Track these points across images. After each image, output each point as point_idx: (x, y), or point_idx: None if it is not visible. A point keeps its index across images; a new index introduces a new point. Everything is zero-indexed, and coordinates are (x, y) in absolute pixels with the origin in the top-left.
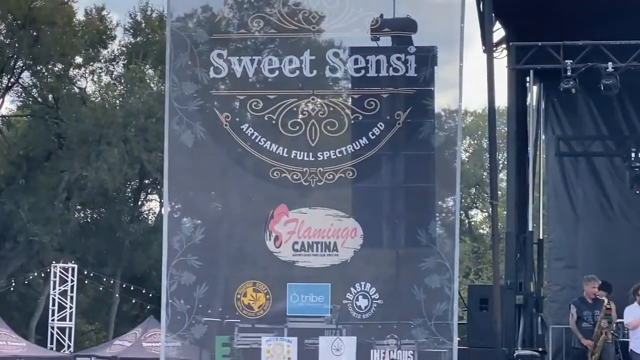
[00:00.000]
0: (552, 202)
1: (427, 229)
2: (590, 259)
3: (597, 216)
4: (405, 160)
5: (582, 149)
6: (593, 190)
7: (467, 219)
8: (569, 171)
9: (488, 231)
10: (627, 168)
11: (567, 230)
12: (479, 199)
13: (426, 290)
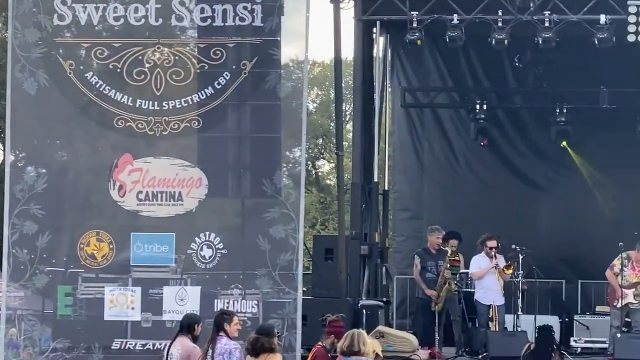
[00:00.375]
0: (398, 154)
1: (273, 180)
2: (435, 210)
3: (442, 167)
4: (251, 110)
5: (427, 100)
6: (438, 141)
7: (313, 169)
8: (415, 122)
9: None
10: (471, 120)
11: (413, 182)
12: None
13: (271, 241)
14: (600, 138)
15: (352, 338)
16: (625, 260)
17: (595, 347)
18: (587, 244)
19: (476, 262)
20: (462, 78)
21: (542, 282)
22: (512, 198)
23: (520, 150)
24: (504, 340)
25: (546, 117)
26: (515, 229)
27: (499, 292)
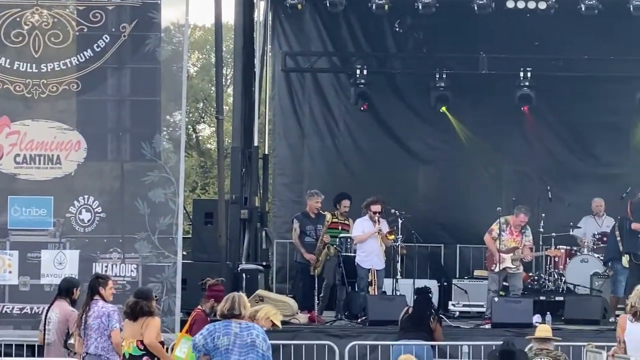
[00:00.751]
0: (278, 118)
1: (152, 143)
2: (315, 175)
3: (323, 132)
4: (131, 73)
5: (308, 64)
6: (319, 106)
7: (194, 133)
8: (295, 87)
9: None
10: (352, 85)
11: (293, 146)
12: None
13: (150, 204)
14: (479, 104)
15: (233, 301)
16: (503, 225)
17: (473, 311)
18: (466, 208)
19: (359, 225)
20: (342, 43)
21: (421, 246)
22: (392, 163)
23: (399, 116)
24: (382, 304)
25: (426, 82)
26: (395, 193)
27: (380, 257)
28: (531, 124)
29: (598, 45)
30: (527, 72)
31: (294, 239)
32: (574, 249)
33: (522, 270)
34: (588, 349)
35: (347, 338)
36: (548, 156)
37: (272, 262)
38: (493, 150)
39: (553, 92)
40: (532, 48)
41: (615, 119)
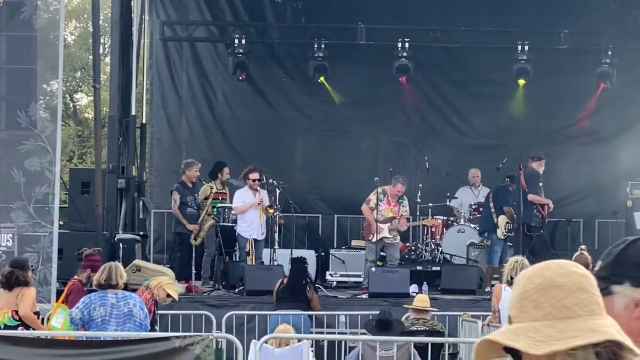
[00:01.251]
0: (156, 87)
1: (28, 112)
2: (193, 144)
3: (200, 102)
4: (7, 41)
5: (186, 34)
6: (197, 75)
7: (71, 102)
8: (173, 56)
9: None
10: (230, 54)
11: (171, 115)
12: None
13: (26, 173)
14: (357, 74)
15: (109, 271)
16: (380, 195)
17: (350, 281)
18: (344, 179)
19: (239, 196)
20: (220, 12)
21: (298, 216)
22: (270, 133)
23: (278, 85)
24: (260, 274)
25: (304, 52)
26: (273, 163)
27: (260, 227)
28: (409, 95)
29: (476, 16)
30: (404, 43)
31: (173, 210)
32: (450, 219)
33: (399, 240)
34: (464, 319)
35: (225, 308)
36: (425, 127)
37: (150, 231)
38: (371, 120)
39: (430, 63)
40: (409, 19)
41: (492, 90)
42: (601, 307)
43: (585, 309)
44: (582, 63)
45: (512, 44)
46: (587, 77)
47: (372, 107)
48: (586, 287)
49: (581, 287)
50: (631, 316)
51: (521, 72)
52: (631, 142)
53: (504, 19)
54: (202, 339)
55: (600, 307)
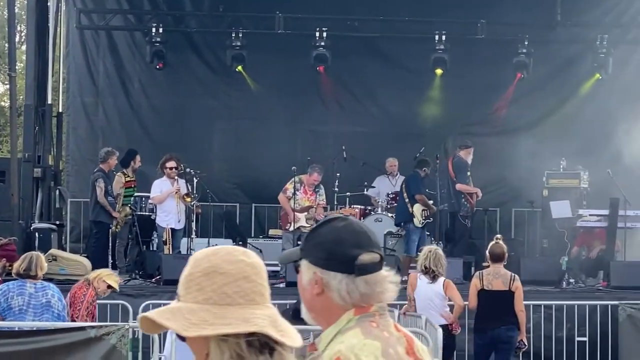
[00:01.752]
0: (73, 76)
1: None
2: (110, 133)
3: (117, 90)
4: None
5: (103, 22)
6: (113, 64)
7: None
8: (90, 45)
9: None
10: (147, 43)
11: (88, 104)
12: (0, 70)
13: None
14: (275, 63)
15: (30, 261)
16: (297, 184)
17: (268, 270)
18: (261, 168)
19: (157, 186)
20: (138, 1)
21: (216, 205)
22: (187, 121)
23: (196, 74)
24: (177, 263)
25: (222, 41)
26: (190, 152)
27: (177, 216)
28: (327, 84)
29: (394, 5)
30: (322, 32)
31: (100, 198)
32: (368, 209)
33: None
34: None
35: (141, 297)
36: (343, 115)
37: (66, 221)
38: (289, 109)
39: (349, 52)
40: (327, 8)
41: (410, 80)
42: (264, 297)
43: (246, 297)
44: (499, 53)
45: (430, 34)
46: (504, 67)
47: (290, 96)
48: (250, 276)
49: (245, 276)
50: (312, 292)
51: (439, 62)
52: (548, 131)
53: (422, 9)
54: (118, 329)
55: (263, 297)
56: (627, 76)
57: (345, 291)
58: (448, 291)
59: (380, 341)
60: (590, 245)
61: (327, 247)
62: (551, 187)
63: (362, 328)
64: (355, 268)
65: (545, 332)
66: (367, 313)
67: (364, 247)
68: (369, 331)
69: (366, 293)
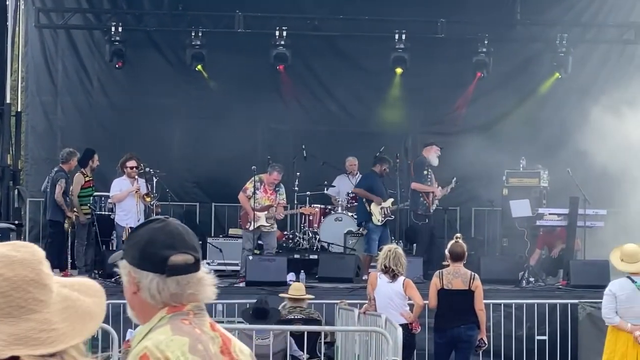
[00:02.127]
0: (31, 75)
1: None
2: (69, 132)
3: (77, 89)
4: None
5: (62, 21)
6: (73, 63)
7: None
8: (49, 44)
9: None
10: (107, 42)
11: (46, 103)
12: None
13: None
14: (235, 62)
15: None
16: (257, 184)
17: (227, 269)
18: (221, 167)
19: (117, 185)
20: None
21: (175, 205)
22: (147, 120)
23: (155, 73)
24: None
25: (182, 40)
26: (150, 151)
27: (137, 215)
28: (287, 83)
29: (353, 4)
30: (282, 32)
31: (58, 197)
32: (328, 208)
33: (276, 228)
34: (340, 307)
35: None
36: (303, 114)
37: (25, 220)
38: (249, 108)
39: (309, 51)
40: (287, 7)
41: (370, 79)
42: (13, 315)
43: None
44: (459, 52)
45: (390, 33)
46: (464, 66)
47: (250, 95)
48: (6, 292)
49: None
50: (130, 291)
51: (398, 61)
52: (508, 130)
53: (382, 8)
54: None
55: (12, 314)
56: (587, 75)
57: (156, 290)
58: (408, 290)
59: (189, 337)
60: (552, 246)
61: (141, 248)
62: (511, 186)
63: (173, 325)
64: (166, 268)
65: (505, 331)
66: (180, 311)
67: (177, 248)
68: (179, 328)
69: (177, 293)
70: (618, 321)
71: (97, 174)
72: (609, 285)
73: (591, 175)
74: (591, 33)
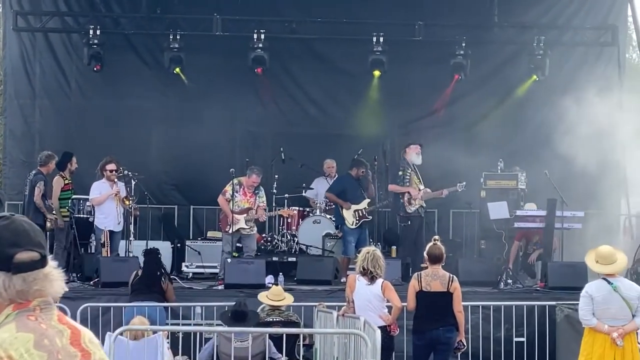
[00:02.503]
0: (9, 78)
1: None
2: (47, 135)
3: (54, 92)
4: None
5: (40, 24)
6: (51, 66)
7: None
8: (27, 47)
9: None
10: (85, 45)
11: (24, 106)
12: None
13: None
14: (213, 65)
15: None
16: (236, 186)
17: (206, 272)
18: (200, 169)
19: (97, 188)
20: (76, 2)
21: (154, 207)
22: (125, 123)
23: (134, 76)
24: (115, 265)
25: (160, 43)
26: (128, 154)
27: (117, 218)
28: (265, 86)
29: (331, 7)
30: (260, 34)
31: (37, 199)
32: (306, 210)
33: (255, 231)
34: (319, 309)
35: (79, 300)
36: (281, 117)
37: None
38: (227, 111)
39: (286, 54)
40: (265, 10)
41: (348, 81)
42: None
43: None
44: (437, 54)
45: (368, 36)
46: (441, 69)
47: (228, 98)
48: None
49: None
50: None
51: (376, 64)
52: (485, 133)
53: (359, 11)
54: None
55: None
56: (564, 77)
57: (2, 288)
58: (386, 293)
59: (34, 333)
60: (530, 239)
61: None
62: (489, 188)
63: (18, 322)
64: (12, 266)
65: (484, 332)
66: (25, 308)
67: (22, 245)
68: (24, 324)
69: (23, 290)
70: (595, 323)
71: (76, 177)
72: (585, 287)
73: (569, 177)
74: (567, 35)
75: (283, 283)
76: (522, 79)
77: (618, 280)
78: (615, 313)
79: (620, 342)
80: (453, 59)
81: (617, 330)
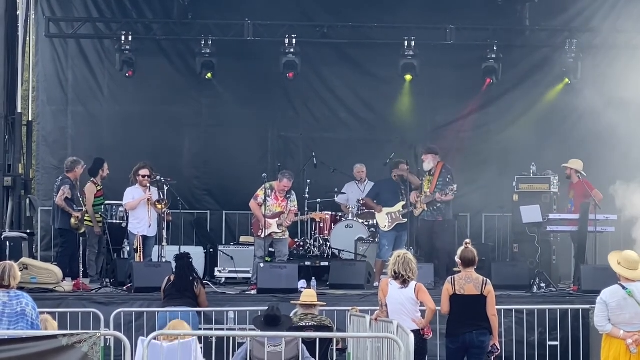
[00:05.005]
0: (42, 84)
1: None
2: (80, 141)
3: (87, 99)
4: None
5: (72, 30)
6: (83, 72)
7: None
8: (59, 53)
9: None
10: (117, 51)
11: (57, 113)
12: None
13: None
14: (245, 70)
15: (3, 271)
16: (268, 191)
17: (239, 277)
18: (232, 174)
19: (130, 193)
20: (107, 8)
21: (186, 213)
22: (158, 129)
23: (166, 81)
24: (148, 271)
25: (192, 49)
26: (161, 159)
27: (150, 224)
28: (296, 91)
29: (362, 12)
30: (291, 39)
31: (58, 201)
32: (339, 215)
33: (287, 236)
34: (352, 314)
35: (113, 305)
36: (313, 122)
37: (37, 229)
38: (259, 116)
39: (318, 59)
40: (296, 15)
41: (379, 86)
42: None
43: None
44: (468, 58)
45: (399, 40)
46: (473, 73)
47: (260, 103)
48: None
49: None
50: None
51: (408, 68)
52: (517, 136)
53: (390, 15)
54: (90, 337)
55: None
56: (596, 80)
57: None
58: (420, 295)
59: None
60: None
61: None
62: (521, 192)
63: None
64: None
65: (517, 336)
66: None
67: None
68: None
69: None
70: (610, 329)
71: (108, 183)
72: (601, 294)
73: (601, 180)
74: (599, 39)
75: (316, 287)
76: (554, 82)
77: (633, 285)
78: (631, 318)
79: (634, 348)
80: (484, 62)
81: (633, 336)
